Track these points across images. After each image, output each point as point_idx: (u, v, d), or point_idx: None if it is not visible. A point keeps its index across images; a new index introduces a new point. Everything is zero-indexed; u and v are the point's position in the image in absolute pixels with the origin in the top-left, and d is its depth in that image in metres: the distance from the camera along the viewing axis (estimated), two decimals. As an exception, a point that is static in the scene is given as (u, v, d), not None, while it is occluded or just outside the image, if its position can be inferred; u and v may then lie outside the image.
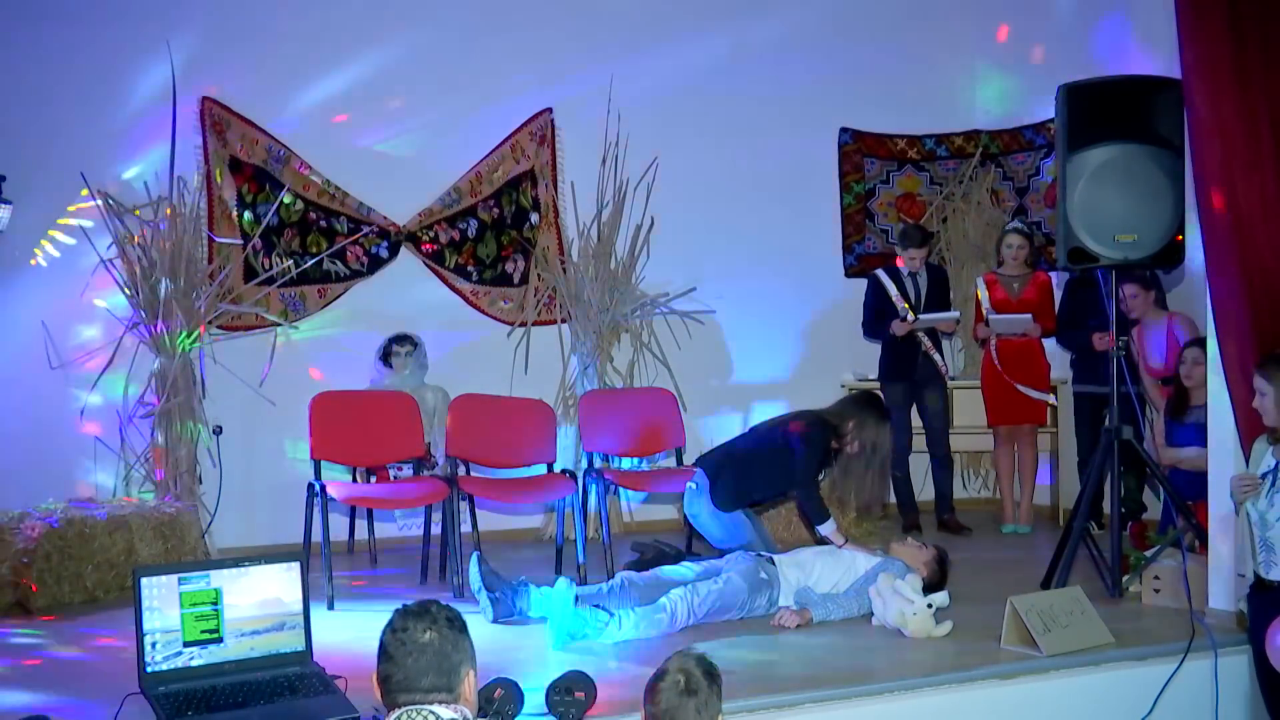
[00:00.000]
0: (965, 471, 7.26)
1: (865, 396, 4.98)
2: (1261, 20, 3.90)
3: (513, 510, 6.25)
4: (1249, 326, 3.94)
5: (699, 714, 2.38)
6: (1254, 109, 3.90)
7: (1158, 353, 5.52)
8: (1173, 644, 3.82)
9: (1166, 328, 5.50)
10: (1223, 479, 3.94)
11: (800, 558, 4.48)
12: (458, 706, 2.18)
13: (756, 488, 4.85)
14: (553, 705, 3.11)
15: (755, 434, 5.02)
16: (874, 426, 4.71)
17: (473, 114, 6.32)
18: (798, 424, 4.78)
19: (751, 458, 4.81)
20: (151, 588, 3.19)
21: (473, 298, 6.41)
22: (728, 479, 4.79)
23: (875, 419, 4.73)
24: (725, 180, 6.78)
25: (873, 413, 4.76)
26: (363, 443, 5.13)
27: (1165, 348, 5.46)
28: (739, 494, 4.82)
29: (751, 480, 4.80)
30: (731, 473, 4.80)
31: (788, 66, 6.89)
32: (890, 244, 6.92)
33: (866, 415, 4.73)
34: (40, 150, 5.57)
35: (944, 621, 4.03)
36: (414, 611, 2.23)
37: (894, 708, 3.45)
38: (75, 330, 5.69)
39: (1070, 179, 4.38)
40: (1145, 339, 5.60)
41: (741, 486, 4.80)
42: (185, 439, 5.62)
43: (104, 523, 4.82)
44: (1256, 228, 3.91)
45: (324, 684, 3.25)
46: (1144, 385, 5.63)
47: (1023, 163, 7.14)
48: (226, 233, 5.87)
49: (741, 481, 4.79)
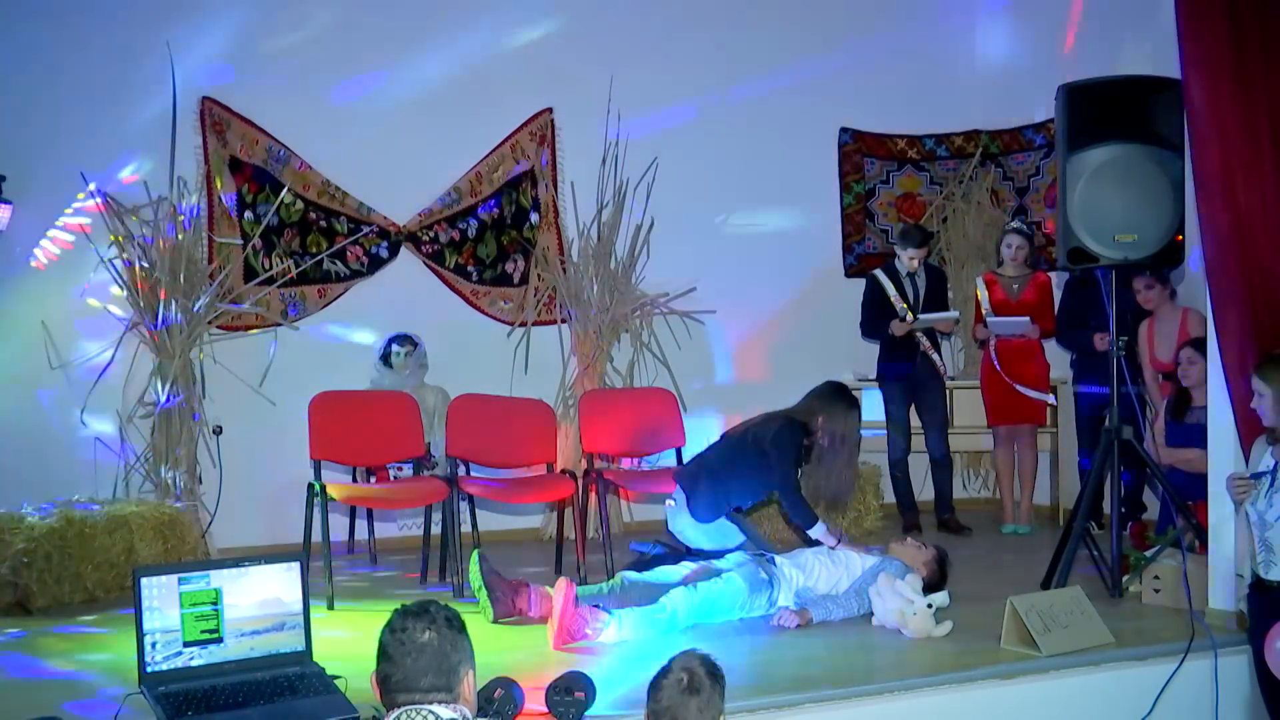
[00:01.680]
0: (965, 471, 7.26)
1: (831, 387, 4.84)
2: (1261, 20, 3.90)
3: (513, 510, 6.25)
4: (1249, 326, 3.94)
5: (701, 713, 2.39)
6: (1254, 109, 3.90)
7: (1167, 346, 5.48)
8: (1173, 644, 3.83)
9: (1180, 322, 5.47)
10: (1223, 479, 3.93)
11: (800, 558, 4.47)
12: (457, 706, 2.18)
13: (735, 496, 4.73)
14: (552, 705, 3.11)
15: (726, 441, 4.89)
16: (843, 415, 4.67)
17: (473, 114, 6.32)
18: (768, 426, 4.68)
19: (725, 466, 4.70)
20: (151, 588, 3.19)
21: (473, 298, 6.41)
22: (704, 490, 4.68)
23: (843, 408, 4.69)
24: (725, 180, 6.78)
25: (840, 402, 4.70)
26: (363, 443, 5.13)
27: (1176, 342, 5.42)
28: (717, 504, 4.70)
29: (728, 489, 4.69)
30: (707, 483, 4.69)
31: (788, 66, 6.89)
32: (890, 244, 6.92)
33: (834, 405, 4.68)
34: (40, 150, 5.57)
35: (944, 621, 4.03)
36: (413, 611, 2.24)
37: (894, 708, 3.45)
38: (75, 330, 5.69)
39: (1070, 179, 4.39)
40: (1156, 332, 5.56)
41: (719, 496, 4.69)
42: (185, 439, 5.62)
43: (104, 523, 4.82)
44: (1256, 228, 3.91)
45: (324, 684, 3.25)
46: (1145, 381, 5.63)
47: (1023, 163, 7.14)
48: (226, 233, 5.87)
49: (718, 491, 4.68)
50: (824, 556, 4.47)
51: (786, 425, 4.67)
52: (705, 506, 4.69)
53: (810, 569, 4.41)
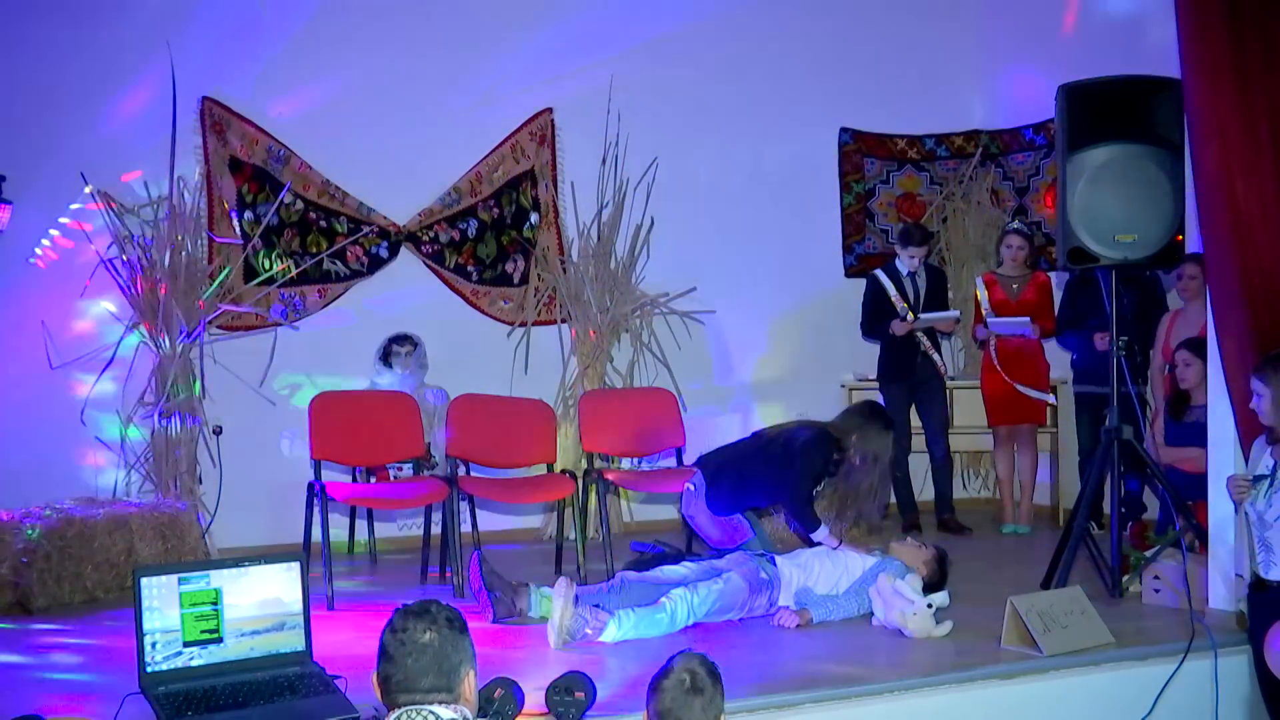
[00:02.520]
0: (965, 471, 7.26)
1: (870, 407, 4.86)
2: (1261, 20, 3.89)
3: (513, 510, 6.25)
4: (1248, 327, 3.94)
5: (704, 712, 2.39)
6: (1253, 108, 3.89)
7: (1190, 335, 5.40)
8: (1173, 644, 3.82)
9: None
10: (1222, 479, 3.94)
11: (800, 558, 4.48)
12: (457, 707, 2.19)
13: (753, 496, 4.75)
14: (552, 705, 3.11)
15: (757, 441, 4.89)
16: (877, 438, 4.62)
17: (473, 114, 6.32)
18: (800, 436, 4.66)
19: (750, 466, 4.71)
20: (151, 588, 3.19)
21: (473, 298, 6.41)
22: (724, 485, 4.72)
23: (879, 429, 4.65)
24: (725, 180, 6.78)
25: (877, 423, 4.67)
26: (363, 443, 5.13)
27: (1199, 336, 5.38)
28: (735, 501, 4.74)
29: (748, 488, 4.71)
30: (729, 479, 4.72)
31: (788, 66, 6.90)
32: (890, 244, 6.93)
33: (870, 426, 4.64)
34: (40, 150, 5.57)
35: (944, 621, 4.03)
36: (414, 612, 2.24)
37: (894, 708, 3.46)
38: (75, 330, 5.69)
39: (1070, 179, 4.39)
40: (1180, 321, 5.46)
41: (738, 494, 4.72)
42: (185, 439, 5.62)
43: (104, 523, 4.82)
44: (1255, 228, 3.91)
45: (324, 684, 3.25)
46: (1150, 374, 5.62)
47: (1023, 163, 7.14)
48: (226, 233, 5.87)
49: (738, 489, 4.71)
50: (824, 556, 4.47)
51: (818, 437, 4.64)
52: (723, 500, 4.73)
53: (810, 569, 4.41)
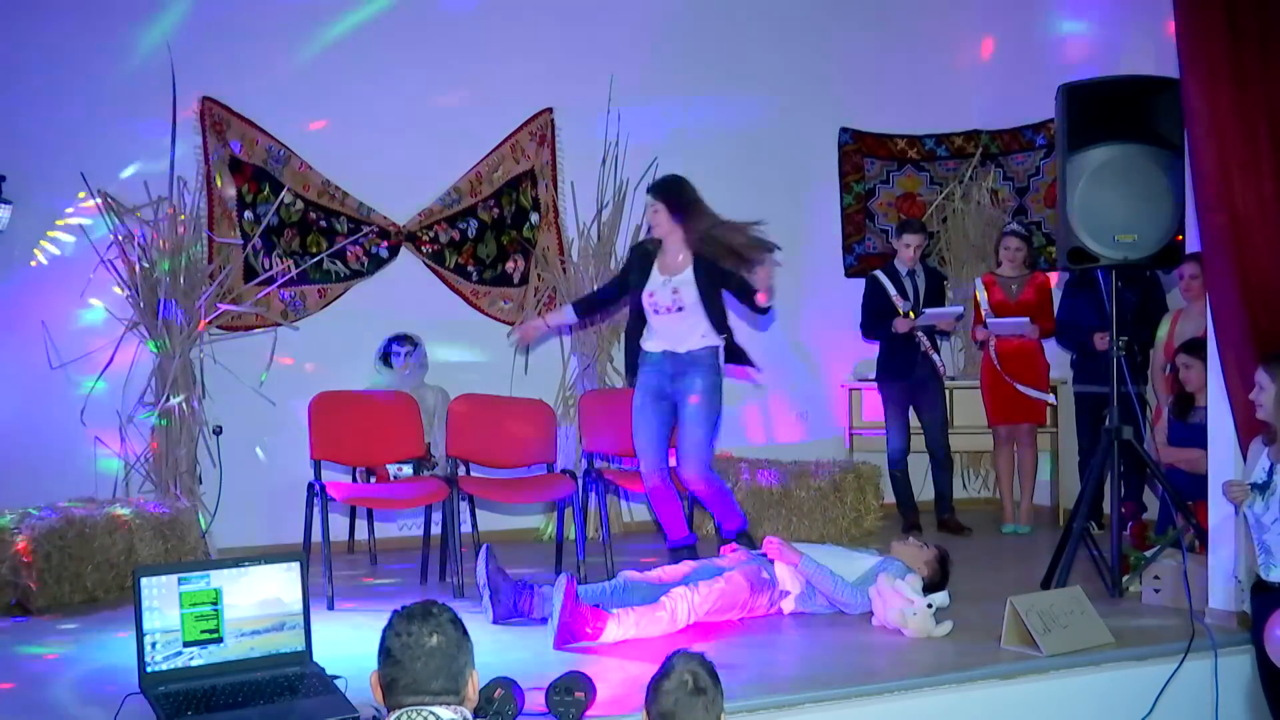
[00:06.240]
0: (965, 471, 7.26)
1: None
2: (1259, 19, 3.89)
3: (513, 510, 6.25)
4: (1247, 327, 3.93)
5: (706, 712, 2.38)
6: (1251, 108, 3.89)
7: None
8: (1173, 644, 3.83)
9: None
10: (1222, 479, 3.94)
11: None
12: (458, 707, 2.18)
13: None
14: (553, 705, 3.11)
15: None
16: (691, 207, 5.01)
17: (473, 114, 6.32)
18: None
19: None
20: (151, 588, 3.19)
21: (473, 298, 6.41)
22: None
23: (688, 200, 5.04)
24: (724, 180, 6.76)
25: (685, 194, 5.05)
26: (363, 443, 5.13)
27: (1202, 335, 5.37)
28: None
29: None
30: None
31: (788, 66, 6.89)
32: (890, 243, 6.92)
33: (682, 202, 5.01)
34: (40, 150, 5.57)
35: (944, 621, 4.03)
36: (417, 615, 2.22)
37: (894, 708, 3.45)
38: (75, 330, 5.69)
39: (1070, 179, 4.38)
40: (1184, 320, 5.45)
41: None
42: (185, 439, 5.62)
43: (104, 523, 4.81)
44: (1254, 228, 3.90)
45: (324, 684, 3.25)
46: (1151, 374, 5.62)
47: (1023, 163, 7.14)
48: (226, 233, 5.87)
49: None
50: (827, 554, 4.47)
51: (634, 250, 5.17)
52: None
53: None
